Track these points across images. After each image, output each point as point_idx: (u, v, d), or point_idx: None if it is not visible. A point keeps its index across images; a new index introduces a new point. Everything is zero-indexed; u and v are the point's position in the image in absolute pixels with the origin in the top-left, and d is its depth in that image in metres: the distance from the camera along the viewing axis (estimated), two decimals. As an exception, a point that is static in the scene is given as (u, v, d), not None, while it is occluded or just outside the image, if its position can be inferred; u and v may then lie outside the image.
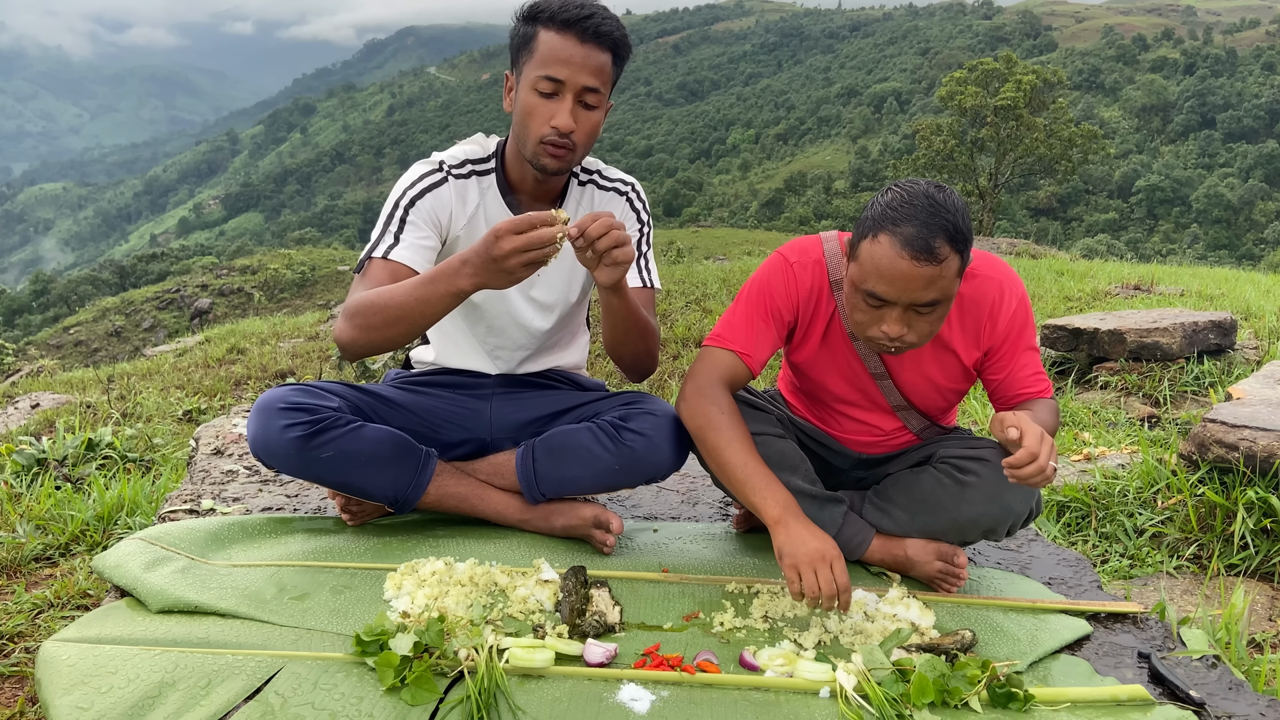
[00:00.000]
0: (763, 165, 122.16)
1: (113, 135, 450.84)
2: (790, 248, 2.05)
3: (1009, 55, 35.04)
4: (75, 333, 23.05)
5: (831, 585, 1.71)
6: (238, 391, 6.45)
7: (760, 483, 1.84)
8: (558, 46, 1.89)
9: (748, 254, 18.82)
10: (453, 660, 1.58)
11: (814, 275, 2.00)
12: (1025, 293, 2.01)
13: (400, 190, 2.05)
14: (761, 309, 2.00)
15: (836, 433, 2.21)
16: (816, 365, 2.09)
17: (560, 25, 1.89)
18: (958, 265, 1.76)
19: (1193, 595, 2.50)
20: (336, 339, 1.91)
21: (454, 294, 1.72)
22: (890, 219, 1.74)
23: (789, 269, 2.00)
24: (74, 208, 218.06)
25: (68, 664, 1.57)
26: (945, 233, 1.72)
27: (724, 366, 1.98)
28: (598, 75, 1.92)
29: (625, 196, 2.21)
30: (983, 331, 1.99)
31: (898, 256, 1.72)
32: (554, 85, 1.90)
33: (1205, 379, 4.61)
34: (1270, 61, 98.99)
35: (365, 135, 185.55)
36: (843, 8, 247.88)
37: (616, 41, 1.95)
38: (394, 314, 1.78)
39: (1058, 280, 9.07)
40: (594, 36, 1.90)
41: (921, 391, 2.08)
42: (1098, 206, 79.07)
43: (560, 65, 1.89)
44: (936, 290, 1.75)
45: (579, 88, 1.91)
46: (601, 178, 2.21)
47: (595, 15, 1.90)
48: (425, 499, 2.11)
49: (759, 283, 2.02)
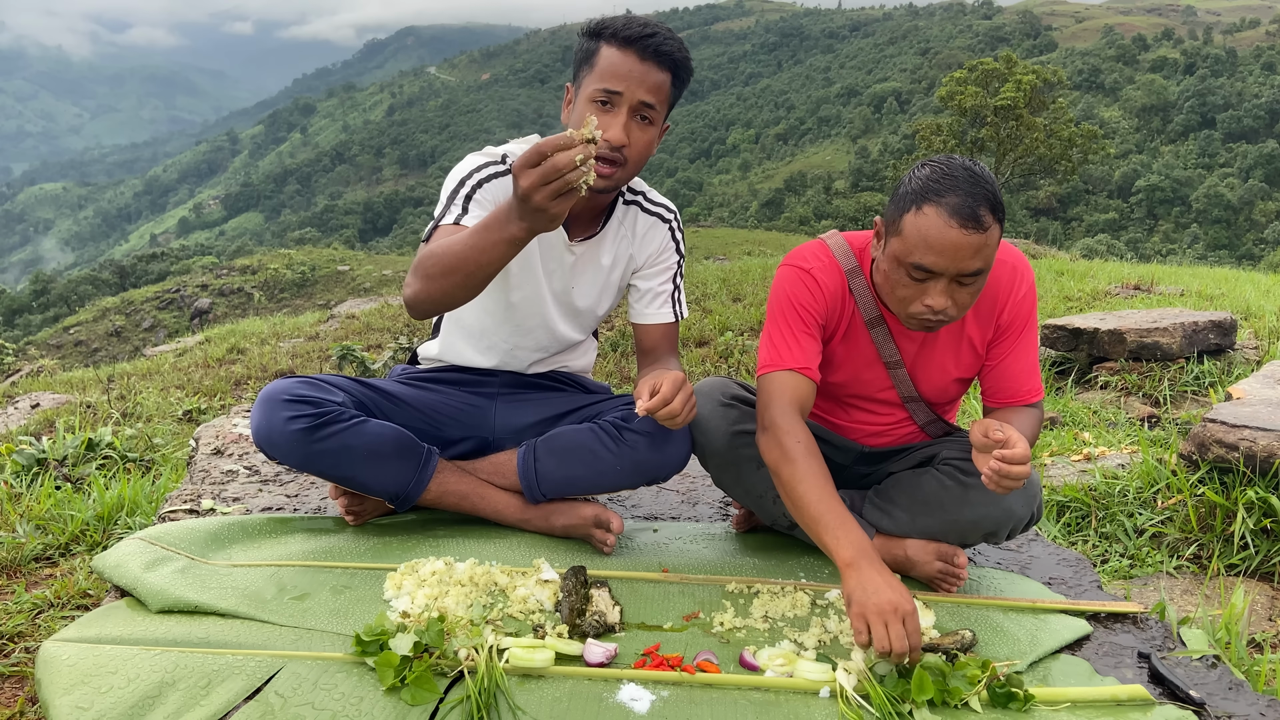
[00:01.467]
0: (763, 165, 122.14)
1: (113, 135, 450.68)
2: (799, 257, 2.03)
3: (1009, 55, 35.04)
4: (75, 333, 23.04)
5: (904, 642, 1.59)
6: (238, 391, 6.45)
7: (834, 521, 1.75)
8: (617, 61, 1.91)
9: (748, 254, 18.82)
10: (453, 660, 1.58)
11: (833, 277, 2.01)
12: (1034, 279, 2.04)
13: (465, 171, 2.03)
14: (798, 321, 1.98)
15: (842, 422, 2.21)
16: (833, 361, 2.09)
17: (622, 42, 1.92)
18: (998, 234, 1.79)
19: (1193, 595, 2.50)
20: (405, 297, 1.84)
21: (507, 240, 1.63)
22: (933, 190, 1.75)
23: (809, 276, 1.99)
24: (74, 208, 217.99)
25: (68, 664, 1.57)
26: (988, 201, 1.74)
27: (790, 388, 1.93)
28: (655, 92, 1.93)
29: (668, 225, 2.24)
30: (995, 311, 2.01)
31: (946, 226, 1.73)
32: (610, 97, 1.91)
33: (1205, 379, 4.61)
34: (1270, 61, 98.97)
35: (365, 135, 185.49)
36: (843, 8, 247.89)
37: (677, 62, 1.96)
38: (451, 262, 1.71)
39: (1058, 280, 9.06)
40: (654, 55, 1.92)
41: (933, 380, 2.08)
42: (1098, 206, 79.04)
43: (618, 79, 1.91)
44: (982, 259, 1.76)
45: (635, 101, 1.91)
46: (646, 200, 2.22)
47: (658, 35, 1.92)
48: (426, 496, 2.12)
49: (786, 298, 1.99)
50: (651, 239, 2.22)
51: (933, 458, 2.13)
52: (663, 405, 1.83)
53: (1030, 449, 1.73)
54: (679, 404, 1.85)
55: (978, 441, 1.73)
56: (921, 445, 2.19)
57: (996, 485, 1.69)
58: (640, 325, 2.24)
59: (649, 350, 2.24)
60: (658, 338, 2.23)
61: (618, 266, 2.21)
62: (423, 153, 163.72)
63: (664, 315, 2.23)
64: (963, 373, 2.08)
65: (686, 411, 1.88)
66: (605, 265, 2.19)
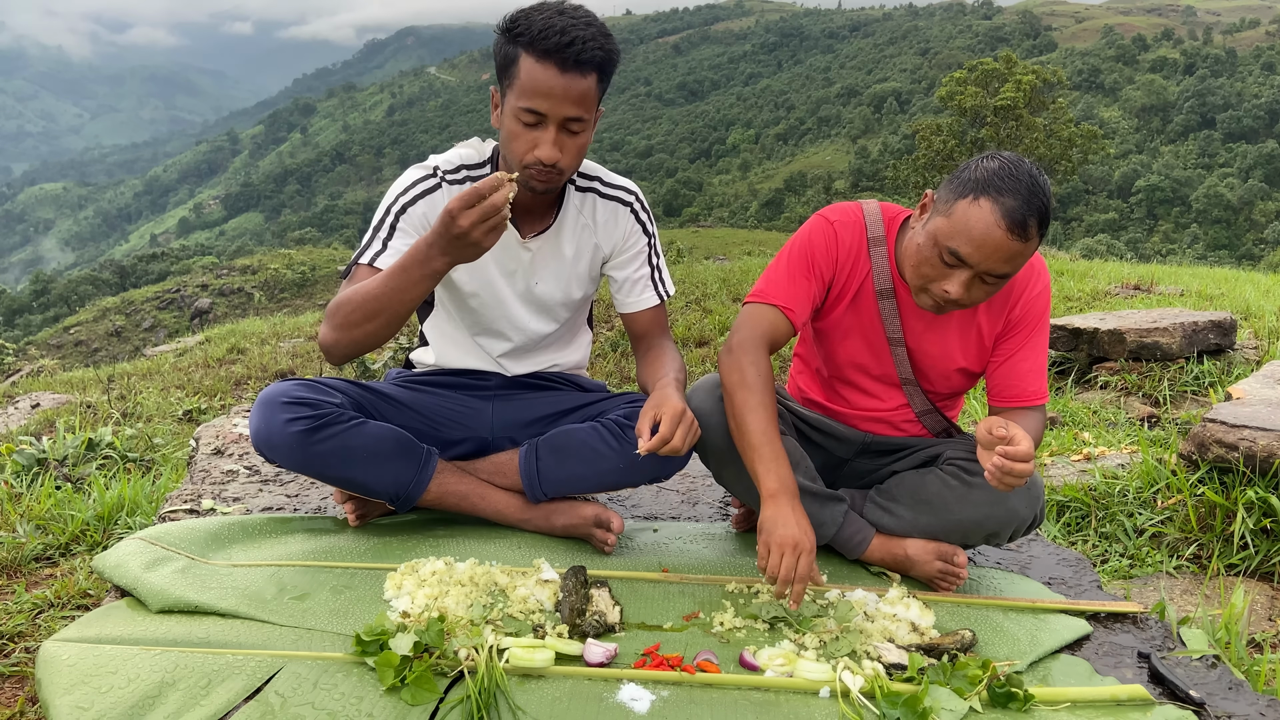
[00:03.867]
0: (763, 165, 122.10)
1: (113, 135, 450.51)
2: (831, 209, 2.08)
3: (1009, 55, 34.99)
4: (75, 333, 23.05)
5: (791, 573, 1.74)
6: (238, 391, 6.45)
7: (769, 455, 1.85)
8: (539, 78, 1.83)
9: (748, 254, 18.81)
10: (453, 660, 1.58)
11: (854, 234, 2.04)
12: (1049, 281, 2.06)
13: (393, 196, 2.05)
14: (804, 265, 2.03)
15: (842, 408, 2.21)
16: (839, 329, 2.11)
17: (540, 54, 1.82)
18: (1036, 246, 1.82)
19: (1193, 595, 2.50)
20: (319, 343, 1.92)
21: (429, 276, 1.76)
22: (995, 187, 1.78)
23: (830, 227, 2.04)
24: (74, 208, 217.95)
25: (68, 664, 1.57)
26: (1039, 214, 1.78)
27: (766, 322, 1.99)
28: (580, 103, 1.87)
29: (629, 207, 2.20)
30: (1008, 305, 2.02)
31: (994, 225, 1.76)
32: (536, 117, 1.87)
33: (1205, 379, 4.61)
34: (1270, 61, 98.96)
35: (365, 135, 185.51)
36: (843, 8, 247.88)
37: (601, 62, 1.88)
38: (372, 307, 1.80)
39: (1058, 280, 9.06)
40: (575, 65, 1.83)
41: (935, 365, 2.09)
42: (1098, 206, 79.03)
43: (540, 98, 1.84)
44: (1013, 265, 1.80)
45: (561, 119, 1.87)
46: (603, 184, 2.19)
47: (575, 43, 1.81)
48: (426, 497, 2.12)
49: (801, 240, 2.05)
50: (615, 225, 2.18)
51: (936, 457, 2.13)
52: (662, 444, 1.84)
53: (1034, 449, 1.74)
54: (679, 440, 1.86)
55: (983, 438, 1.74)
56: (925, 445, 2.19)
57: (999, 482, 1.70)
58: (627, 314, 2.24)
59: (641, 336, 2.24)
60: (646, 323, 2.23)
61: (583, 257, 2.18)
62: (423, 153, 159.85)
63: (648, 300, 2.22)
64: (968, 363, 2.08)
65: (690, 440, 1.89)
66: (568, 256, 2.16)
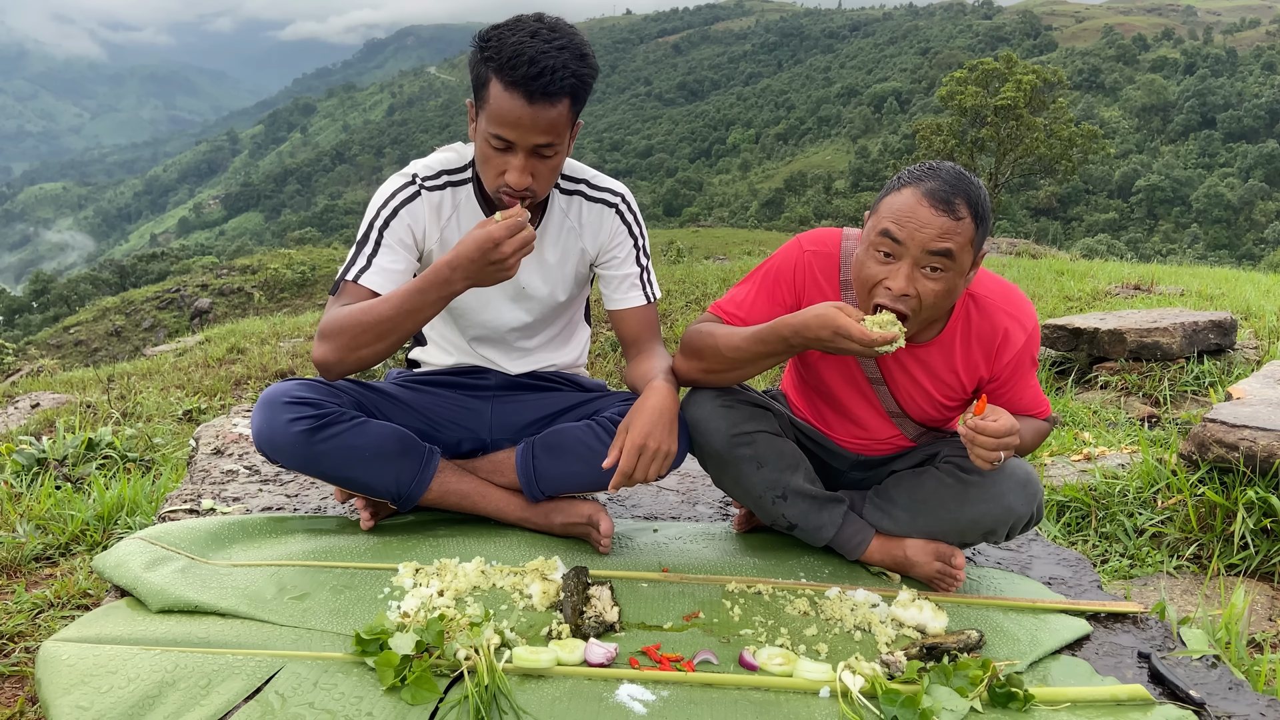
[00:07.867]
0: (763, 165, 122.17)
1: (113, 135, 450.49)
2: (809, 236, 2.07)
3: (1009, 55, 35.02)
4: (75, 332, 23.04)
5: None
6: (238, 391, 6.45)
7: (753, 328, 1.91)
8: (506, 107, 1.81)
9: (748, 254, 18.81)
10: (453, 660, 1.58)
11: (824, 266, 2.02)
12: (1037, 325, 2.02)
13: (374, 209, 2.04)
14: (767, 289, 2.04)
15: (833, 434, 2.21)
16: (823, 364, 2.10)
17: (508, 83, 1.79)
18: (973, 233, 1.80)
19: (1193, 595, 2.50)
20: (317, 361, 1.90)
21: (446, 297, 1.83)
22: (915, 176, 1.82)
23: (802, 256, 2.03)
24: (74, 207, 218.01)
25: (68, 664, 1.57)
26: (966, 196, 1.78)
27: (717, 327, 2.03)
28: (550, 131, 1.85)
29: (615, 209, 2.17)
30: (988, 362, 2.01)
31: (918, 203, 1.78)
32: (505, 144, 1.86)
33: (1205, 379, 4.61)
34: (1270, 61, 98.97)
35: (365, 135, 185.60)
36: (843, 8, 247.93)
37: (573, 88, 1.85)
38: (385, 328, 1.85)
39: (1058, 280, 9.06)
40: (544, 96, 1.80)
41: (916, 402, 2.08)
42: (1098, 206, 79.05)
43: (508, 127, 1.82)
44: (949, 242, 1.77)
45: (530, 146, 1.86)
46: (589, 187, 2.16)
47: (544, 74, 1.78)
48: (427, 495, 2.12)
49: (772, 265, 2.06)
50: (601, 228, 2.16)
51: (934, 456, 2.13)
52: (625, 480, 1.91)
53: (1019, 439, 1.78)
54: (640, 473, 1.92)
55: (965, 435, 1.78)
56: (923, 445, 2.19)
57: (973, 451, 1.75)
58: (615, 313, 2.22)
59: (631, 340, 2.21)
60: (635, 324, 2.20)
61: (569, 260, 2.17)
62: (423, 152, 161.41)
63: (634, 299, 2.19)
64: (949, 400, 2.07)
65: (656, 468, 1.93)
66: (552, 262, 2.15)
